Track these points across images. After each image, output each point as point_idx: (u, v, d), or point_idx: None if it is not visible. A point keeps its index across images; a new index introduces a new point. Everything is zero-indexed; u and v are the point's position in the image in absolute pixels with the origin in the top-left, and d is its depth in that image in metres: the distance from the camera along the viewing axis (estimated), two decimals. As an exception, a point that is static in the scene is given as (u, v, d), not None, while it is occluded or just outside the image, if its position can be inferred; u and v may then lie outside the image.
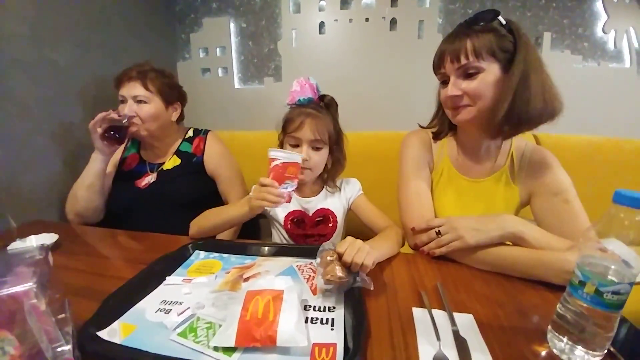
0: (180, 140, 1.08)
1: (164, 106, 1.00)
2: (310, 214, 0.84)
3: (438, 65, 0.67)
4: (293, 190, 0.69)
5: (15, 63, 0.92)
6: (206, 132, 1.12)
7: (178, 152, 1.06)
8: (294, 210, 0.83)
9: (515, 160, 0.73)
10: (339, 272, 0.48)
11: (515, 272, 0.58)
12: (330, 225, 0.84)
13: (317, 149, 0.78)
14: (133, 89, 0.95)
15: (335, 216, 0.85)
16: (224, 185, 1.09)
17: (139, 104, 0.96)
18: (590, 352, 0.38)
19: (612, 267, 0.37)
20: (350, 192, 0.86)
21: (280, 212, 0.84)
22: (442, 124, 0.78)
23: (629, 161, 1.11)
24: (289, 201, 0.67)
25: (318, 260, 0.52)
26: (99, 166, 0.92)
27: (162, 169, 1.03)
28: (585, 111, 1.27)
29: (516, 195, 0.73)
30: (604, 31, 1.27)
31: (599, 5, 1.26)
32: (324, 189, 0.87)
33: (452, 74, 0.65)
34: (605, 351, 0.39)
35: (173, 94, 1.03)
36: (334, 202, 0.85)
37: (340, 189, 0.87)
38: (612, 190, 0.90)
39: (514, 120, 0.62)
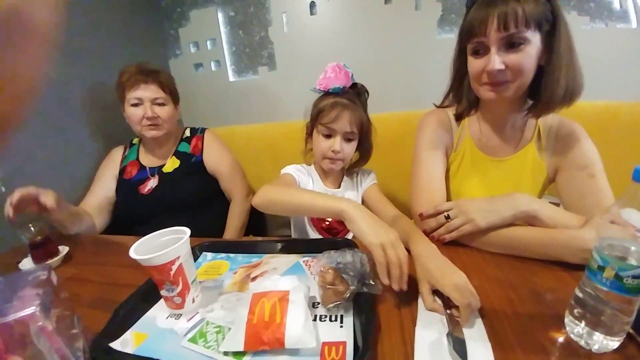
0: (178, 141, 1.07)
1: (174, 107, 1.02)
2: None
3: (478, 32, 0.58)
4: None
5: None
6: (203, 130, 1.11)
7: (177, 153, 1.05)
8: None
9: (542, 134, 0.69)
10: (335, 296, 0.45)
11: (529, 253, 0.55)
12: None
13: (349, 140, 0.77)
14: (152, 91, 0.95)
15: None
16: (225, 183, 1.08)
17: (160, 106, 0.96)
18: (609, 337, 0.37)
19: (632, 248, 0.35)
20: (366, 182, 0.86)
21: None
22: (462, 101, 0.73)
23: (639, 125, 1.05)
24: (181, 307, 0.50)
25: (317, 278, 0.49)
26: (60, 212, 0.79)
27: (162, 171, 1.02)
28: (596, 75, 1.18)
29: (544, 170, 0.70)
30: (608, -10, 1.17)
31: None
32: (344, 180, 0.86)
33: (495, 44, 0.57)
34: (624, 335, 0.37)
35: (177, 95, 1.04)
36: (353, 193, 0.86)
37: (358, 180, 0.87)
38: (626, 155, 0.85)
39: (568, 97, 0.58)
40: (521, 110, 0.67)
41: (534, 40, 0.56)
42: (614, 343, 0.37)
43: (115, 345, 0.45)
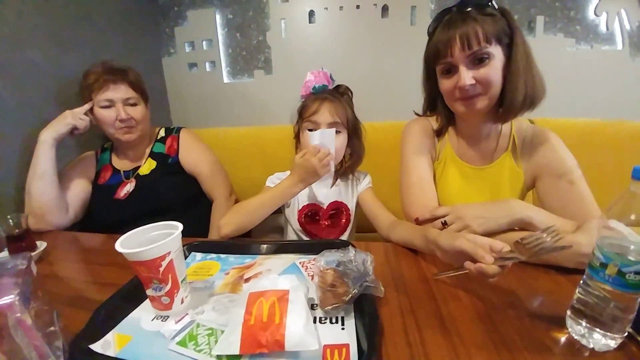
0: (153, 142, 1.03)
1: (145, 105, 0.97)
2: (325, 207, 0.82)
3: (444, 54, 0.62)
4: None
5: (-3, 66, 0.88)
6: (178, 130, 1.07)
7: (152, 154, 1.01)
8: (307, 204, 0.81)
9: (517, 143, 0.72)
10: (334, 298, 0.43)
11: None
12: (344, 220, 0.82)
13: (336, 132, 0.75)
14: (123, 91, 0.90)
15: (349, 209, 0.83)
16: (206, 183, 1.05)
17: (132, 107, 0.92)
18: (610, 335, 0.37)
19: (632, 247, 0.35)
20: (361, 185, 0.85)
21: (294, 206, 0.83)
22: (440, 118, 0.76)
23: (623, 143, 1.11)
24: (169, 308, 0.48)
25: (317, 279, 0.47)
26: (51, 151, 0.85)
27: (138, 174, 0.98)
28: (579, 94, 1.26)
29: (521, 178, 0.71)
30: (595, 14, 1.25)
31: (590, -13, 1.24)
32: (337, 184, 0.85)
33: (462, 62, 0.61)
34: (625, 334, 0.38)
35: (146, 92, 0.99)
36: (348, 195, 0.84)
37: (354, 182, 0.86)
38: (607, 172, 0.88)
39: (528, 101, 0.61)
40: (492, 121, 0.70)
41: (497, 53, 0.60)
42: (614, 342, 0.37)
43: (96, 347, 0.41)
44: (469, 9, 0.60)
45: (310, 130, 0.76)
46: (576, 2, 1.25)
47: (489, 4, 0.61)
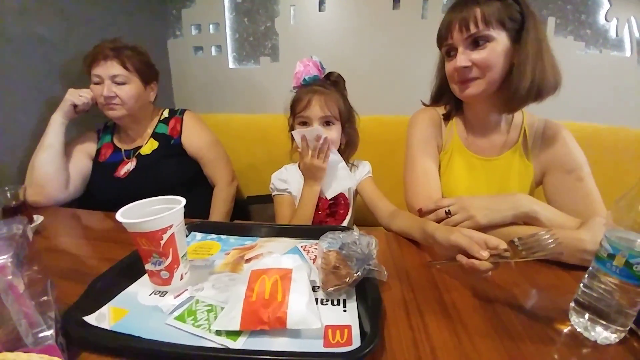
0: (156, 122, 1.02)
1: (142, 86, 0.94)
2: (326, 198, 0.81)
3: (445, 36, 0.64)
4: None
5: (2, 37, 0.86)
6: (182, 112, 1.05)
7: (155, 135, 0.99)
8: None
9: (528, 136, 0.71)
10: (336, 280, 0.43)
11: None
12: (342, 209, 0.82)
13: (329, 123, 0.75)
14: (111, 68, 0.88)
15: (347, 198, 0.82)
16: (208, 168, 1.04)
17: (118, 85, 0.89)
18: (612, 327, 0.37)
19: (639, 240, 0.35)
20: (360, 174, 0.84)
21: (297, 194, 0.82)
22: (449, 102, 0.75)
23: (628, 149, 1.11)
24: (168, 283, 0.47)
25: (320, 261, 0.47)
26: (60, 128, 0.87)
27: (139, 153, 0.96)
28: (586, 98, 1.26)
29: (530, 172, 0.71)
30: (606, 19, 1.25)
31: (601, -8, 1.24)
32: None
33: (460, 44, 0.62)
34: (628, 328, 0.37)
35: (150, 73, 0.97)
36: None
37: (352, 171, 0.85)
38: (613, 177, 0.88)
39: (534, 91, 0.60)
40: (499, 111, 0.68)
41: (500, 38, 0.60)
42: (616, 335, 0.37)
43: (90, 319, 0.40)
44: None
45: (301, 124, 0.77)
46: (587, 6, 1.25)
47: None
